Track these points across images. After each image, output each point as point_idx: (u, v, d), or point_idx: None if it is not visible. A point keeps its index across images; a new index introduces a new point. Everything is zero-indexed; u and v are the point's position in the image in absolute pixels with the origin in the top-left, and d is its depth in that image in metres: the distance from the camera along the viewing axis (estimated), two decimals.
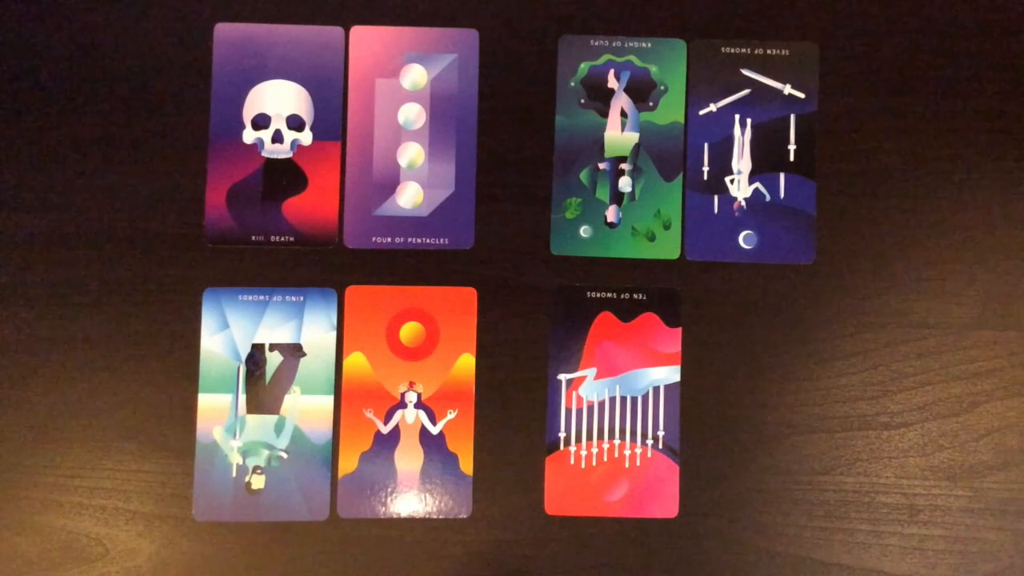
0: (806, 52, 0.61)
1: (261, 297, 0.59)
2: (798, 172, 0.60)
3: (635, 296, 0.60)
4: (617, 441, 0.59)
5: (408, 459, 0.58)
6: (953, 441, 0.59)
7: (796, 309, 0.60)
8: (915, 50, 0.61)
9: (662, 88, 0.61)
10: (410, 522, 0.58)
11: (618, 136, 0.61)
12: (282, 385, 0.58)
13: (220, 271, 0.59)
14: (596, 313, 0.59)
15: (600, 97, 0.61)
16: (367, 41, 0.61)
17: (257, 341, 0.58)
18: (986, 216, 0.60)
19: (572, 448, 0.59)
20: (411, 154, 0.60)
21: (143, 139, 0.60)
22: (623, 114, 0.61)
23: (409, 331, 0.59)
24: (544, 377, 0.59)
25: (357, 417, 0.58)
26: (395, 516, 0.58)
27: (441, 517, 0.58)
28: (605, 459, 0.59)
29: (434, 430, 0.58)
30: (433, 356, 0.59)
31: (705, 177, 0.60)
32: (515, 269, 0.60)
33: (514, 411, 0.59)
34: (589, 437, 0.59)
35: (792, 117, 0.61)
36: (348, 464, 0.58)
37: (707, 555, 0.58)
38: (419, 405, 0.59)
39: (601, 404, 0.59)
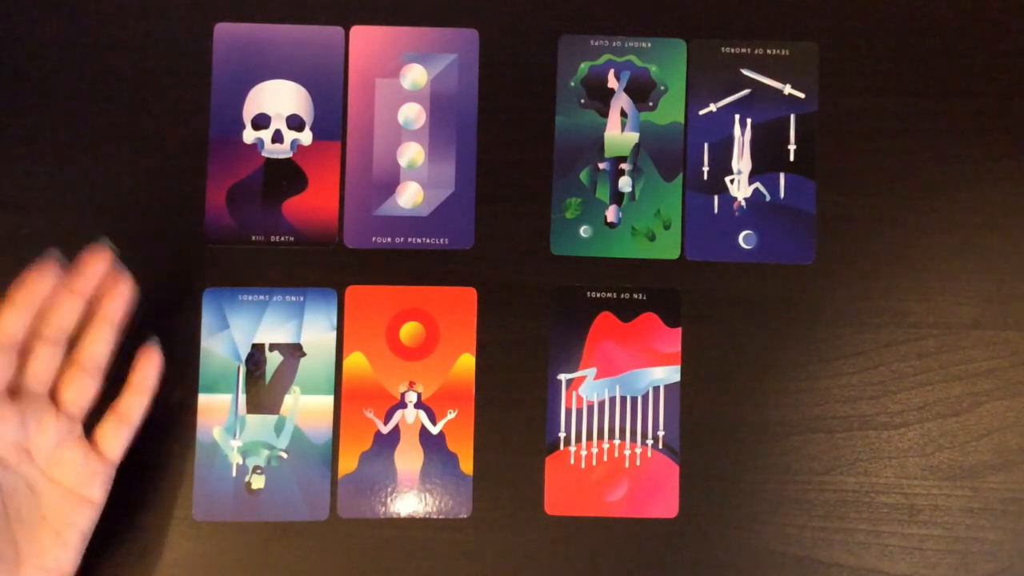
0: (806, 52, 0.61)
1: (261, 297, 0.59)
2: (798, 172, 0.60)
3: (635, 296, 0.60)
4: (617, 441, 0.59)
5: (408, 459, 0.58)
6: (953, 441, 0.59)
7: (796, 309, 0.60)
8: (915, 50, 0.61)
9: (662, 88, 0.61)
10: (410, 522, 0.58)
11: (618, 136, 0.61)
12: (282, 385, 0.58)
13: (220, 271, 0.59)
14: (596, 313, 0.59)
15: (600, 97, 0.61)
16: (367, 41, 0.61)
17: (257, 341, 0.58)
18: (986, 216, 0.60)
19: (572, 448, 0.58)
20: (411, 154, 0.60)
21: (143, 139, 0.60)
22: (623, 114, 0.61)
23: (409, 331, 0.59)
24: (544, 377, 0.59)
25: (357, 417, 0.58)
26: (395, 516, 0.58)
27: (441, 517, 0.58)
28: (605, 459, 0.59)
29: (434, 430, 0.58)
30: (433, 356, 0.59)
31: (705, 177, 0.60)
32: (515, 269, 0.60)
33: (514, 411, 0.59)
34: (589, 437, 0.59)
35: (792, 117, 0.61)
36: (348, 464, 0.58)
37: (707, 555, 0.58)
38: (419, 405, 0.59)
39: (601, 404, 0.59)
